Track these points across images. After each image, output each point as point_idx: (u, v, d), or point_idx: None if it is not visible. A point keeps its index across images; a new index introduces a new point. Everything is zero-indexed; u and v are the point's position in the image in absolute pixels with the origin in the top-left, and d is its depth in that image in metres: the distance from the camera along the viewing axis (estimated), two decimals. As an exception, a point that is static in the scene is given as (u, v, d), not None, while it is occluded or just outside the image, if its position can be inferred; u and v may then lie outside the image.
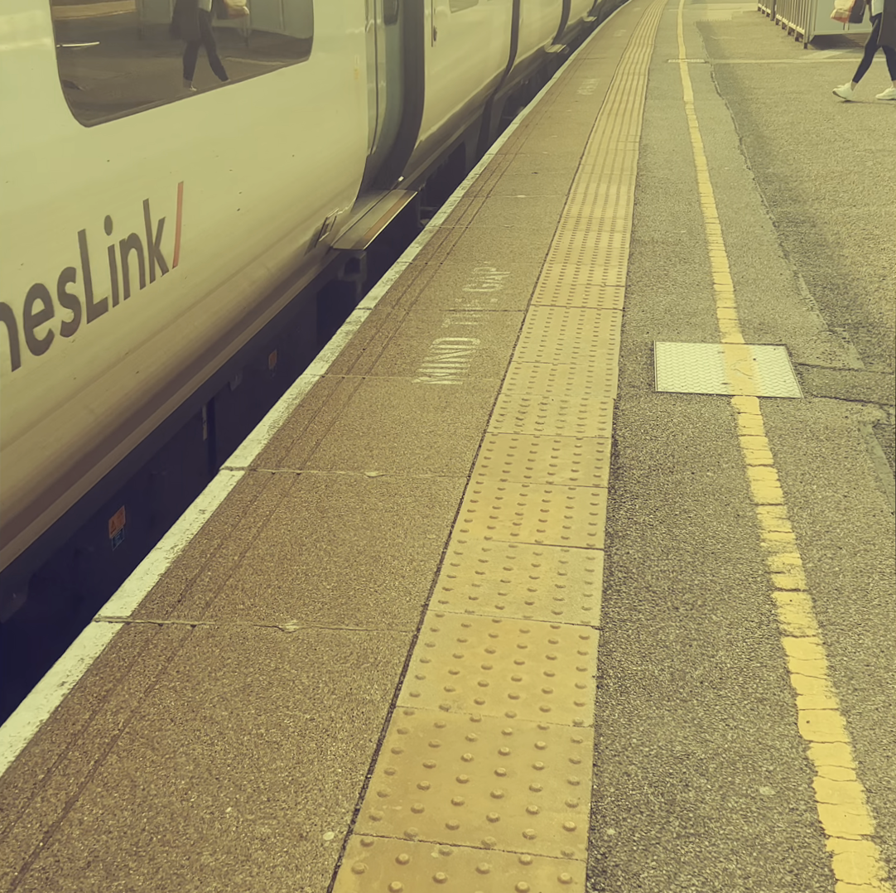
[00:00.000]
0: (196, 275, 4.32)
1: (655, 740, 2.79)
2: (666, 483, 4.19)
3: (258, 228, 4.99)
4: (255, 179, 4.88)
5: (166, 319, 4.12)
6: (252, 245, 4.95)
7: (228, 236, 4.62)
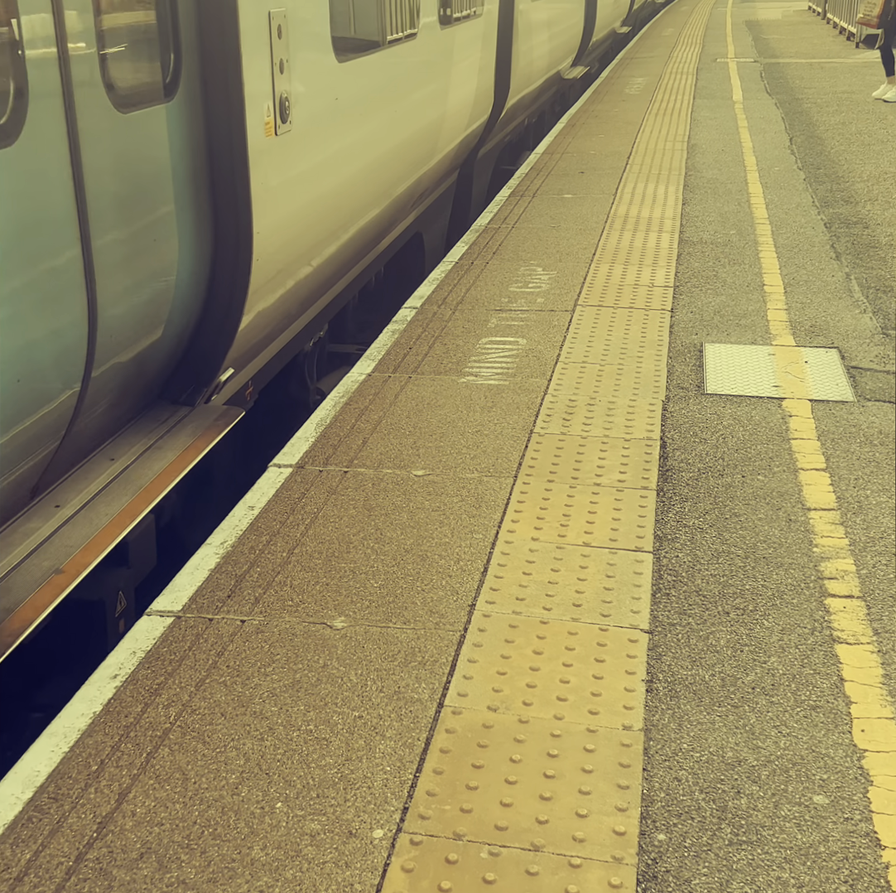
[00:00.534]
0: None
1: (706, 745, 2.76)
2: (716, 486, 4.15)
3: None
4: None
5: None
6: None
7: None
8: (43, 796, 2.52)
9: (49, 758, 2.63)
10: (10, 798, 2.49)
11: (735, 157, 10.67)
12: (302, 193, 4.87)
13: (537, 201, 8.78)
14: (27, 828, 2.43)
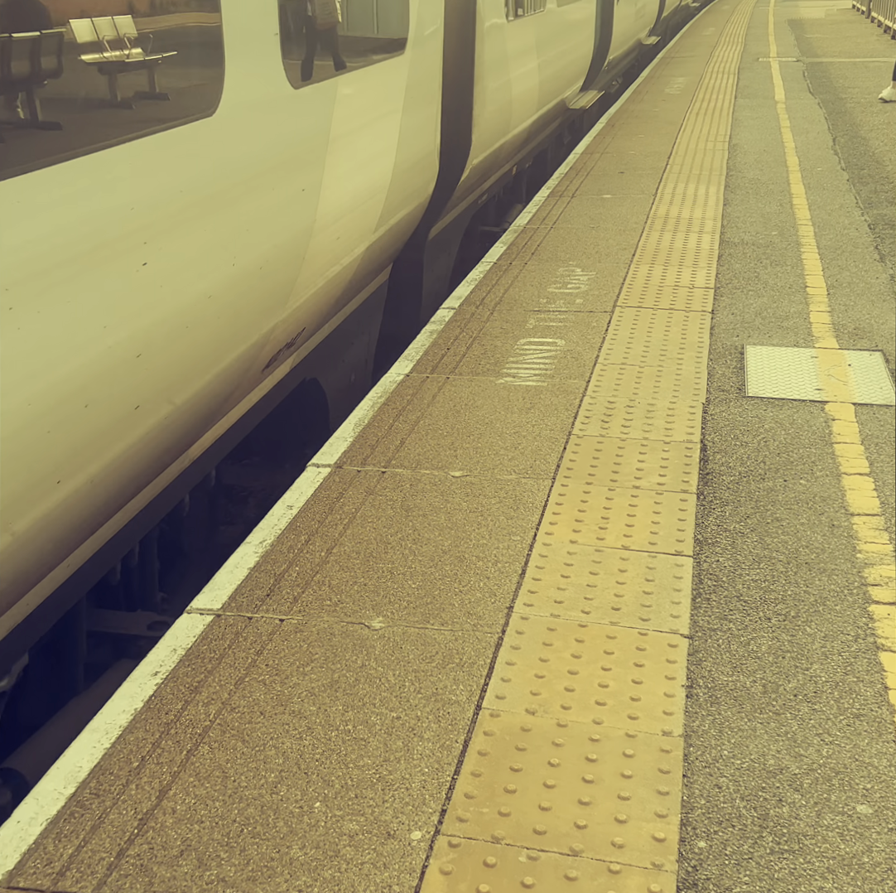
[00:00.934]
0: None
1: (747, 753, 2.73)
2: (757, 490, 4.10)
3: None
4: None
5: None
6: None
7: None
8: (85, 791, 2.55)
9: (91, 754, 2.66)
10: (52, 793, 2.52)
11: (777, 157, 10.56)
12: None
13: (576, 202, 8.74)
14: (69, 823, 2.45)
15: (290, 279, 4.38)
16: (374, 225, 5.52)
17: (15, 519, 2.73)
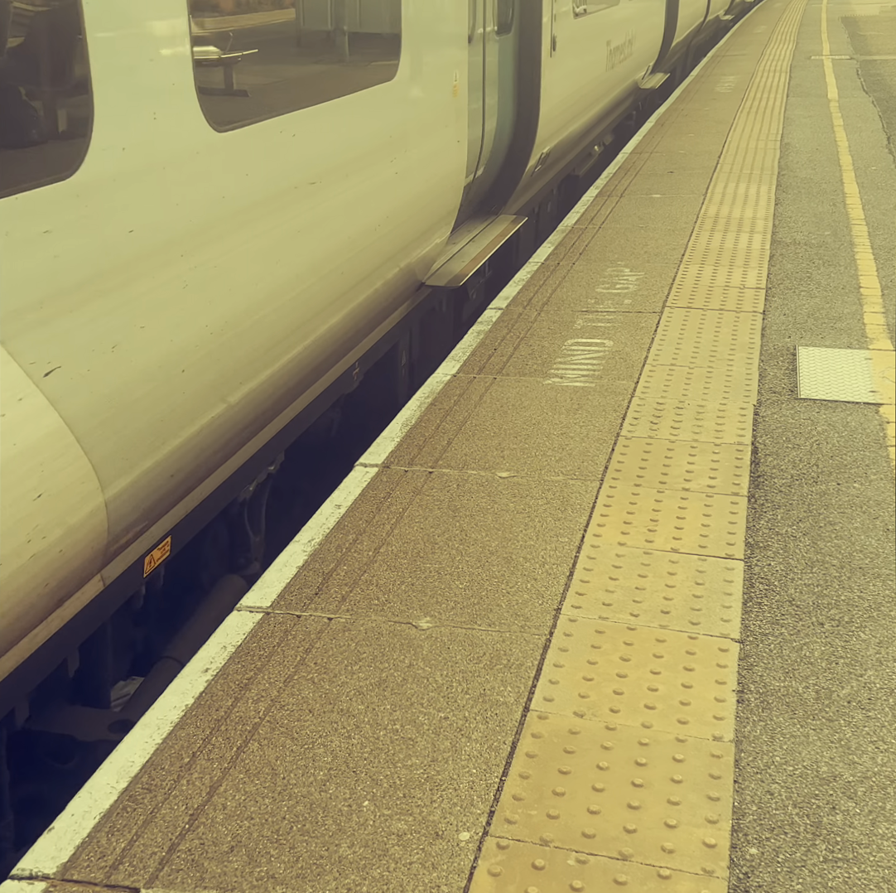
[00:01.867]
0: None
1: (800, 759, 2.70)
2: (810, 494, 4.05)
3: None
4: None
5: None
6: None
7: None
8: (137, 786, 2.58)
9: (143, 749, 2.69)
10: (105, 787, 2.55)
11: (830, 156, 10.41)
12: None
13: (625, 201, 8.68)
14: (122, 817, 2.48)
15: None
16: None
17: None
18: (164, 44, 3.05)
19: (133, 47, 2.90)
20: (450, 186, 5.86)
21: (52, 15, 2.63)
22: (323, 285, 4.29)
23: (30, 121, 2.60)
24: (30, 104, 2.61)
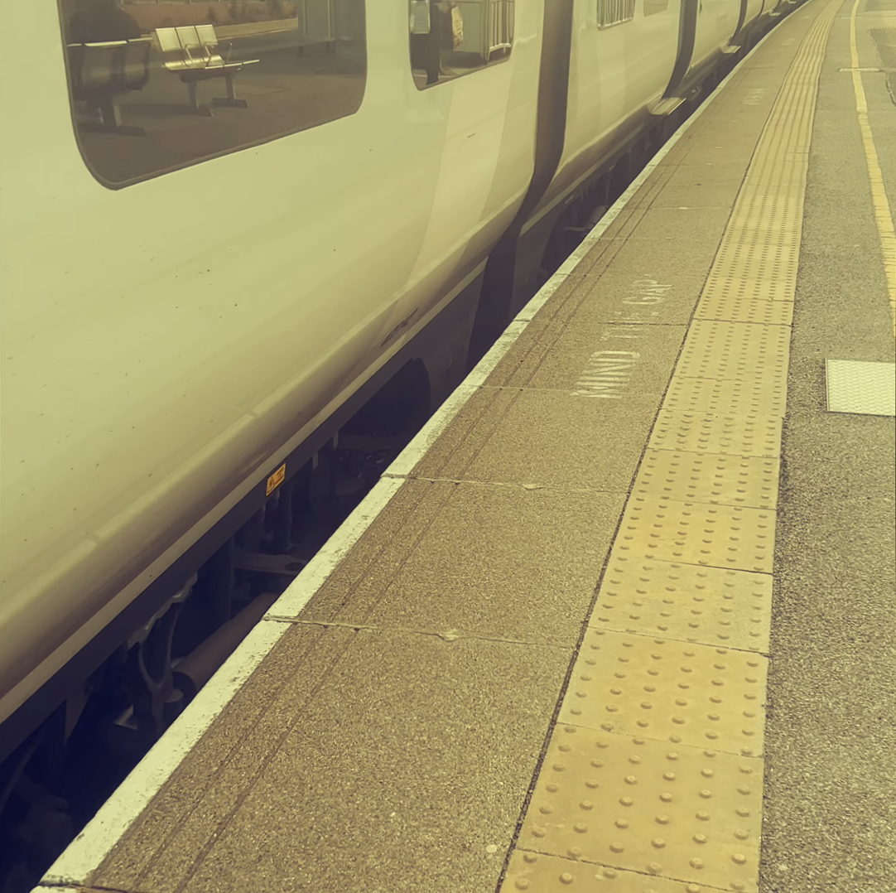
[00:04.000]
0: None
1: (830, 775, 2.67)
2: (839, 508, 4.02)
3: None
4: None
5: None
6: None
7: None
8: (166, 794, 2.59)
9: (172, 757, 2.70)
10: (134, 795, 2.57)
11: (859, 168, 10.36)
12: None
13: (652, 213, 8.67)
14: (151, 825, 2.49)
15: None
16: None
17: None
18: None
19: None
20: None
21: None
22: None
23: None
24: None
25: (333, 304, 4.00)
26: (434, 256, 5.17)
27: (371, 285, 4.31)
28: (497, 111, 6.12)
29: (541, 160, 7.47)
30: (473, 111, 5.56)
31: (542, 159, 7.52)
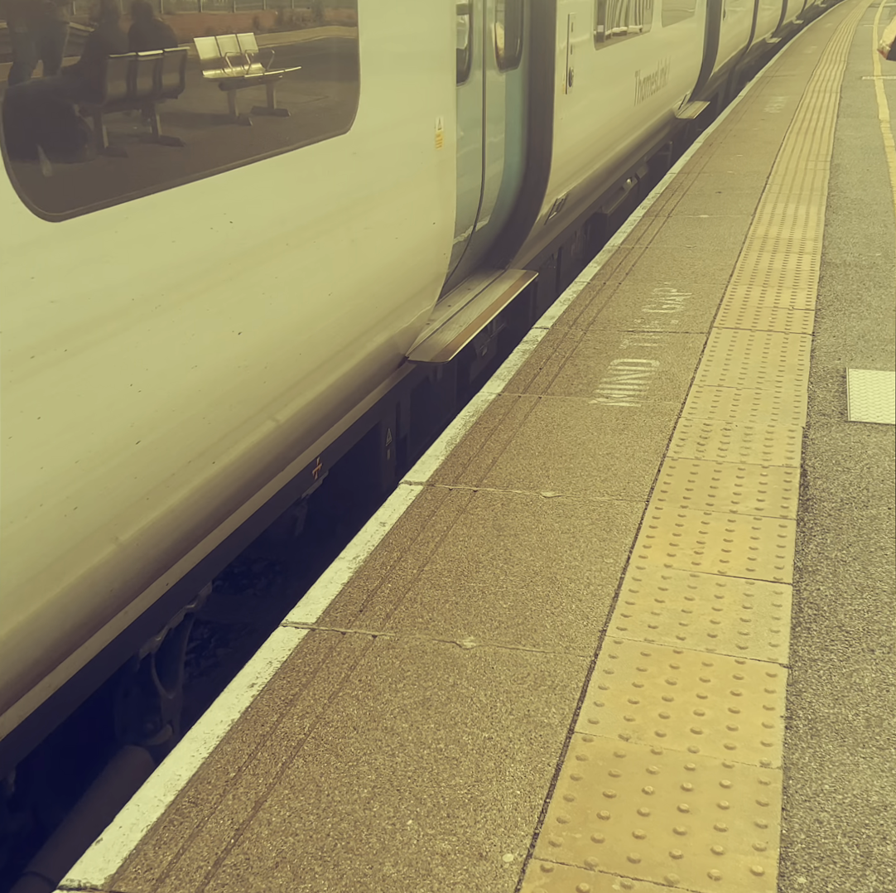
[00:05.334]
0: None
1: (850, 788, 2.65)
2: (860, 518, 3.99)
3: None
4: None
5: None
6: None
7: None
8: (183, 800, 2.60)
9: (189, 763, 2.71)
10: (153, 800, 2.58)
11: (881, 177, 10.30)
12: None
13: (672, 221, 8.66)
14: (168, 831, 2.50)
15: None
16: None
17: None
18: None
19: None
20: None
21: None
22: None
23: None
24: None
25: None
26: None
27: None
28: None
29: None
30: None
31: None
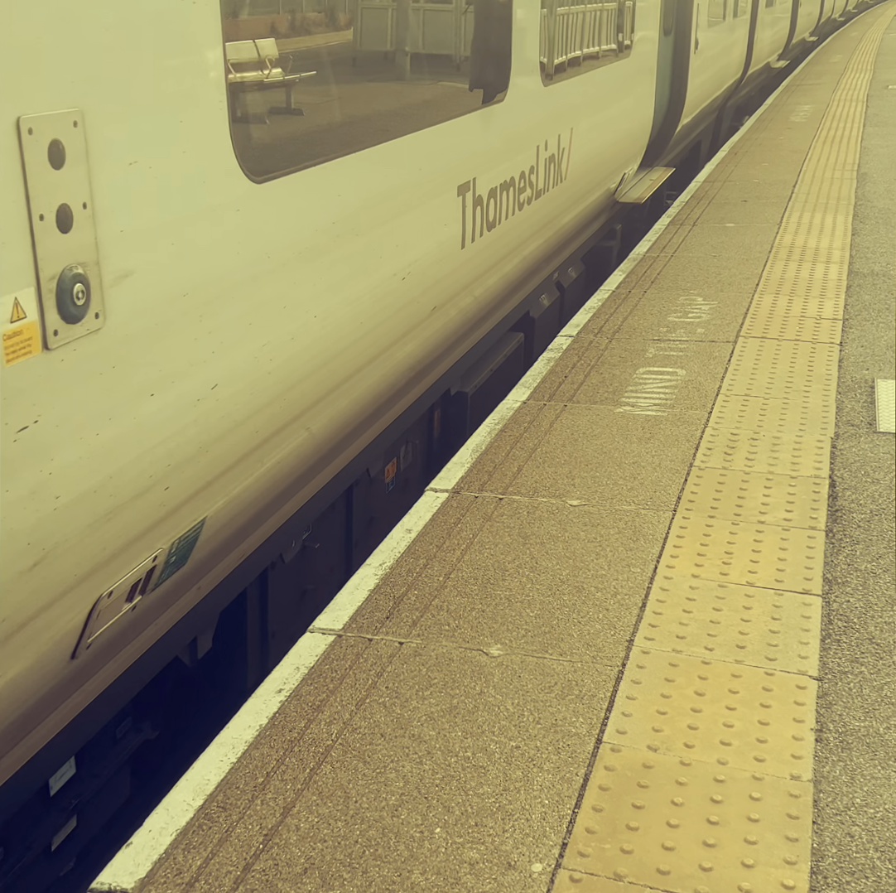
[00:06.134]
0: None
1: (881, 802, 2.63)
2: (890, 529, 3.96)
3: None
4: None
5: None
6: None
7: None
8: (212, 804, 2.61)
9: (218, 767, 2.72)
10: (182, 804, 2.58)
11: (908, 185, 10.24)
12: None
13: (697, 230, 8.63)
14: (198, 835, 2.51)
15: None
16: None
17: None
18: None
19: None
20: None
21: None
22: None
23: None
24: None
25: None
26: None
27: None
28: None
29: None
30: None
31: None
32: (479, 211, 5.25)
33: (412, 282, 4.39)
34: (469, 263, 5.14)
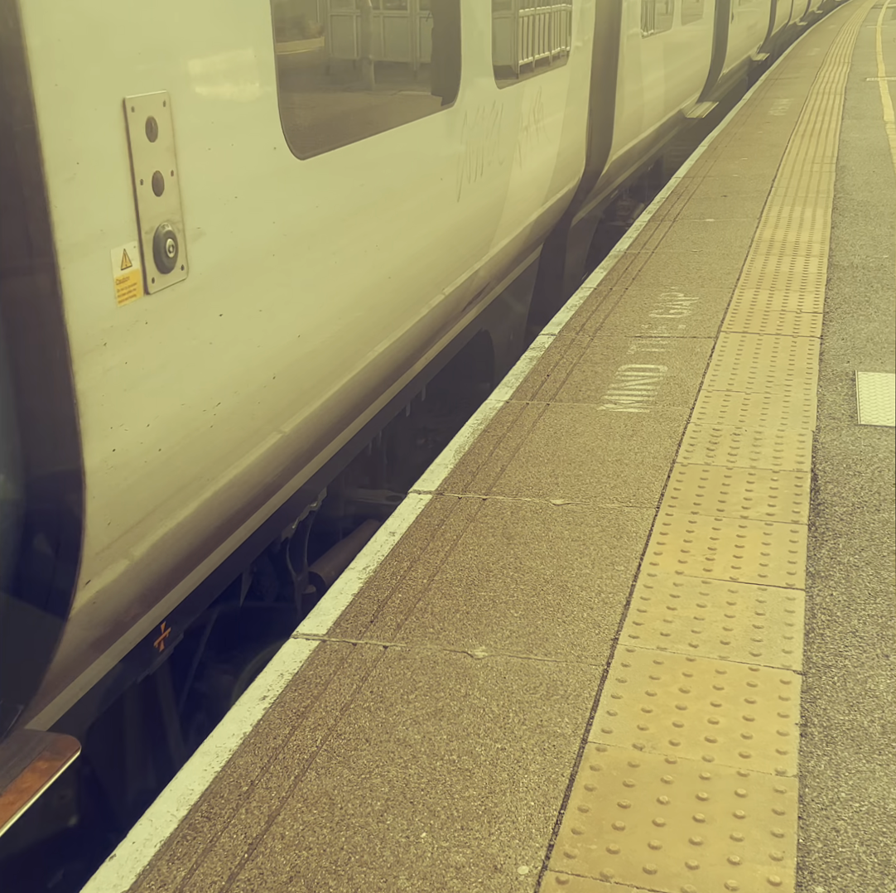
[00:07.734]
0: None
1: (866, 795, 2.63)
2: (872, 522, 3.97)
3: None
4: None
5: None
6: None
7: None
8: (196, 814, 2.59)
9: (202, 777, 2.71)
10: (165, 815, 2.57)
11: (887, 179, 10.28)
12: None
13: (678, 226, 8.65)
14: (182, 846, 2.49)
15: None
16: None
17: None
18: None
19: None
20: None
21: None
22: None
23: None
24: None
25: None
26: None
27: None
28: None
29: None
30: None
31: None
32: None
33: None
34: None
